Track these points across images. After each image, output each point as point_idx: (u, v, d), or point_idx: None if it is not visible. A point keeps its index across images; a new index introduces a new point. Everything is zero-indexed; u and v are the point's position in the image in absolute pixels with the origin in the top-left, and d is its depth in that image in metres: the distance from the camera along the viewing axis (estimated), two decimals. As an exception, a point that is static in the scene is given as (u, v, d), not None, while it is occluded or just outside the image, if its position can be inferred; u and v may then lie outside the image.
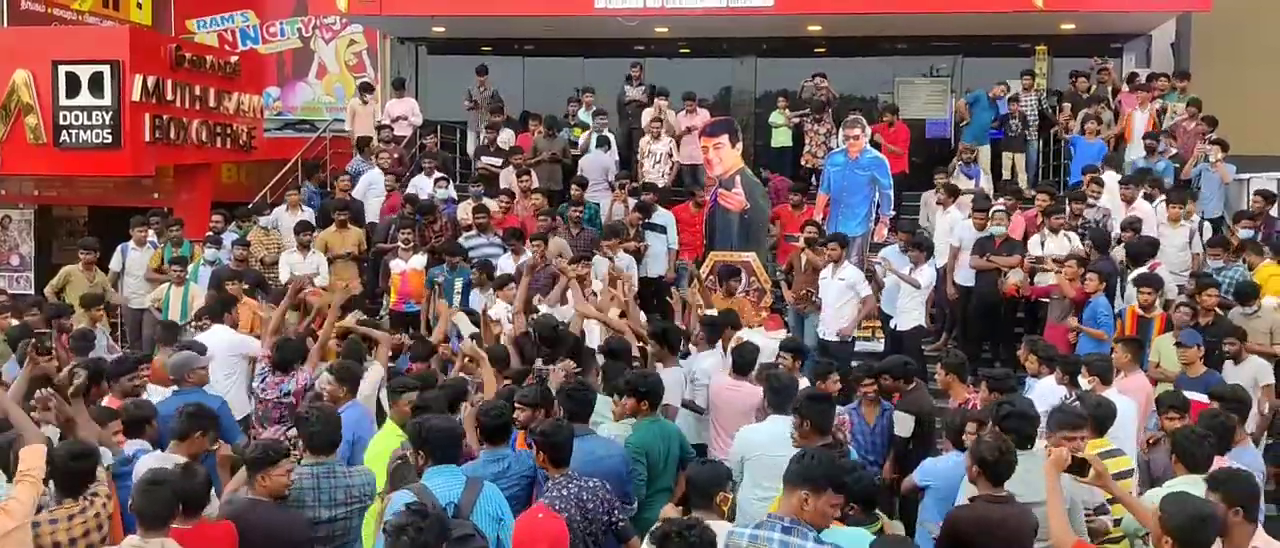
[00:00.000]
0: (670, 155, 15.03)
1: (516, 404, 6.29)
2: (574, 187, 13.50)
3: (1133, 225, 11.58)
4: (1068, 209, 11.93)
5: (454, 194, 14.30)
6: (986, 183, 14.58)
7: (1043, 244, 11.79)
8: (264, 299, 10.70)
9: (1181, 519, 4.30)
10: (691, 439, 7.41)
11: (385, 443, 6.01)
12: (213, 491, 5.13)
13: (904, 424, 7.76)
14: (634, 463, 6.28)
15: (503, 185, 14.14)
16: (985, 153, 15.44)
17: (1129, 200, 12.31)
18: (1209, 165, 13.14)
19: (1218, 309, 9.93)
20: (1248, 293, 10.16)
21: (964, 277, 12.16)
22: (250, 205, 14.76)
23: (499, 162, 15.06)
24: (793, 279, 11.68)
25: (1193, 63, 16.44)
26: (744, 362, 8.01)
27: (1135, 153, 14.13)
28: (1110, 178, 13.14)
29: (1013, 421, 5.87)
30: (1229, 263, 10.90)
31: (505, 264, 11.60)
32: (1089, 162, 13.63)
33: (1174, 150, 13.83)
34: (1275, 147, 15.16)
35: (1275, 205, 12.17)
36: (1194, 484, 5.39)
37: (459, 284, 11.31)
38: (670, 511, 4.82)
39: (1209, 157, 13.17)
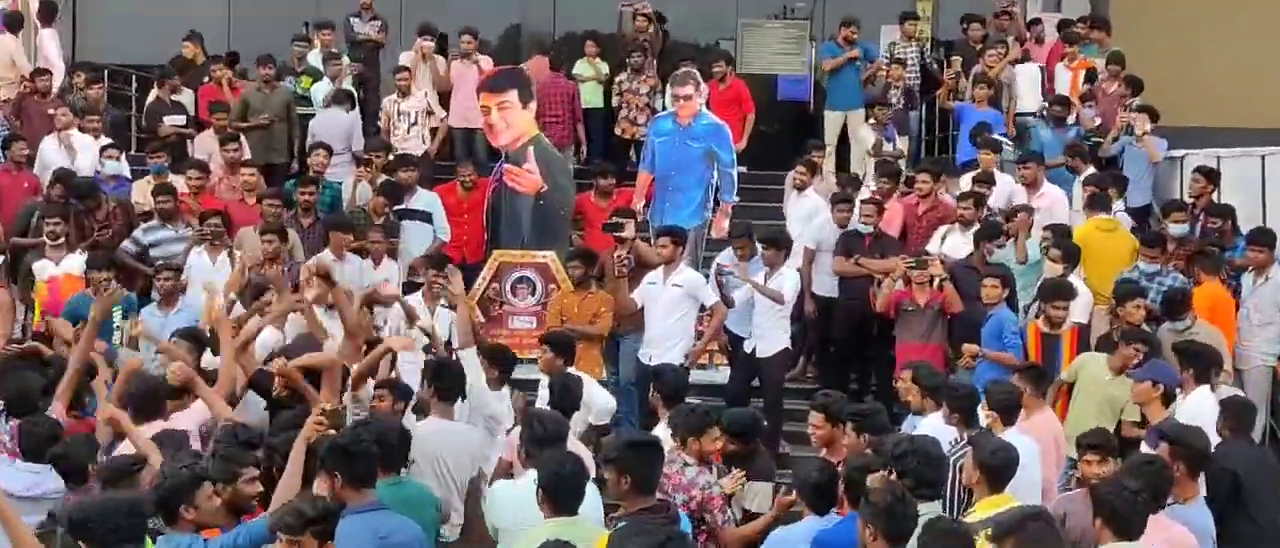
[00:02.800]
0: (429, 113, 14.89)
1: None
2: (316, 153, 13.24)
3: (1016, 214, 11.98)
4: (972, 195, 12.26)
5: (128, 169, 13.85)
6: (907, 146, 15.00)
7: (943, 240, 12.03)
8: None
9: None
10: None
11: None
12: None
13: (761, 498, 7.76)
14: None
15: (198, 155, 13.72)
16: (856, 120, 15.77)
17: (1031, 183, 12.72)
18: (1133, 140, 13.70)
19: (1146, 324, 10.35)
20: (1179, 304, 10.59)
21: (824, 284, 12.35)
22: None
23: (182, 120, 14.77)
24: (605, 287, 11.61)
25: (1113, 8, 17.12)
26: (569, 401, 8.16)
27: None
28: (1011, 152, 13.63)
29: (912, 461, 6.01)
30: (1163, 266, 11.31)
31: (199, 264, 11.33)
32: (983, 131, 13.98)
33: (1098, 120, 14.38)
34: (1217, 116, 15.90)
35: (1216, 190, 12.72)
36: (1126, 555, 5.60)
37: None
38: None
39: (1134, 128, 13.70)
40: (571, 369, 9.04)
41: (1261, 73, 17.19)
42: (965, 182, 13.05)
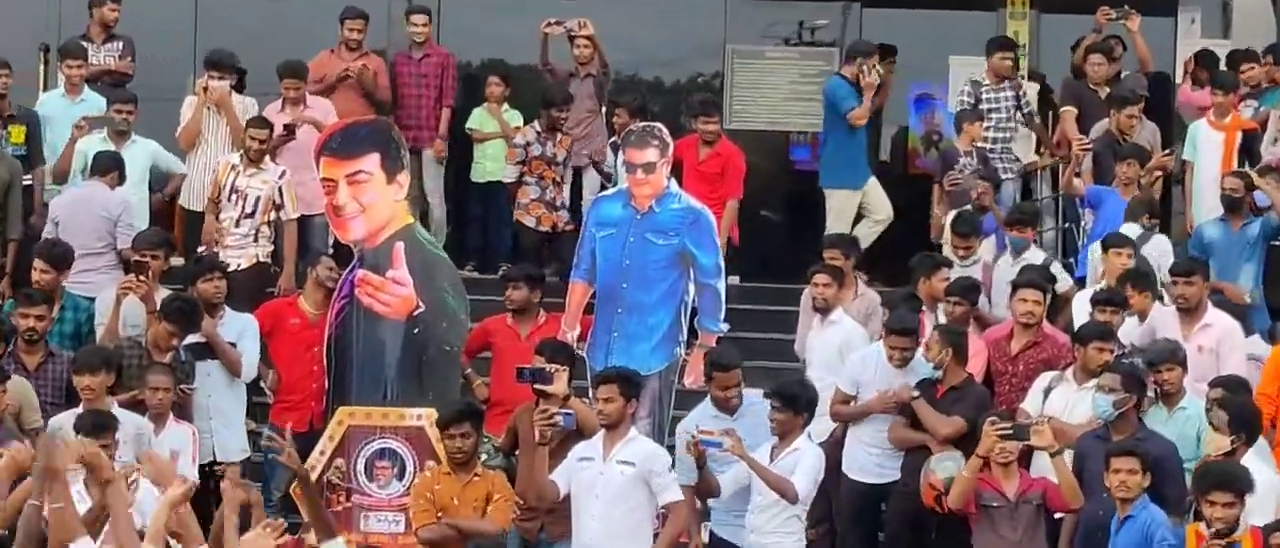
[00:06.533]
0: (277, 207, 14.83)
1: None
2: (38, 265, 13.24)
3: (1174, 354, 11.99)
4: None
5: None
6: (1040, 255, 14.88)
7: (1047, 395, 12.10)
8: None
9: None
10: None
11: None
12: None
13: None
14: None
15: None
16: (875, 195, 16.08)
17: (1191, 309, 12.80)
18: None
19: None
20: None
21: (865, 462, 12.47)
22: None
23: None
24: (516, 464, 11.76)
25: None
26: None
27: (1204, 208, 14.95)
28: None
29: None
30: None
31: None
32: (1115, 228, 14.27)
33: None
34: None
35: None
36: None
37: None
38: None
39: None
40: None
41: None
42: (1081, 302, 13.19)
